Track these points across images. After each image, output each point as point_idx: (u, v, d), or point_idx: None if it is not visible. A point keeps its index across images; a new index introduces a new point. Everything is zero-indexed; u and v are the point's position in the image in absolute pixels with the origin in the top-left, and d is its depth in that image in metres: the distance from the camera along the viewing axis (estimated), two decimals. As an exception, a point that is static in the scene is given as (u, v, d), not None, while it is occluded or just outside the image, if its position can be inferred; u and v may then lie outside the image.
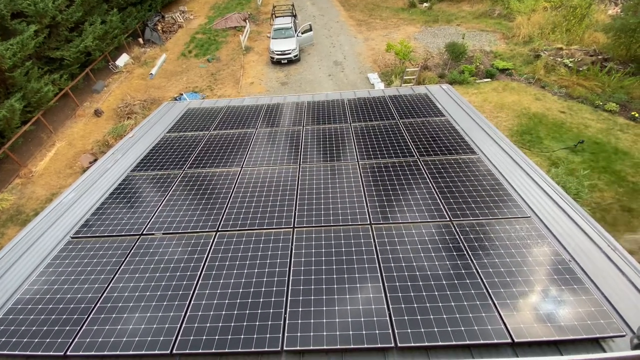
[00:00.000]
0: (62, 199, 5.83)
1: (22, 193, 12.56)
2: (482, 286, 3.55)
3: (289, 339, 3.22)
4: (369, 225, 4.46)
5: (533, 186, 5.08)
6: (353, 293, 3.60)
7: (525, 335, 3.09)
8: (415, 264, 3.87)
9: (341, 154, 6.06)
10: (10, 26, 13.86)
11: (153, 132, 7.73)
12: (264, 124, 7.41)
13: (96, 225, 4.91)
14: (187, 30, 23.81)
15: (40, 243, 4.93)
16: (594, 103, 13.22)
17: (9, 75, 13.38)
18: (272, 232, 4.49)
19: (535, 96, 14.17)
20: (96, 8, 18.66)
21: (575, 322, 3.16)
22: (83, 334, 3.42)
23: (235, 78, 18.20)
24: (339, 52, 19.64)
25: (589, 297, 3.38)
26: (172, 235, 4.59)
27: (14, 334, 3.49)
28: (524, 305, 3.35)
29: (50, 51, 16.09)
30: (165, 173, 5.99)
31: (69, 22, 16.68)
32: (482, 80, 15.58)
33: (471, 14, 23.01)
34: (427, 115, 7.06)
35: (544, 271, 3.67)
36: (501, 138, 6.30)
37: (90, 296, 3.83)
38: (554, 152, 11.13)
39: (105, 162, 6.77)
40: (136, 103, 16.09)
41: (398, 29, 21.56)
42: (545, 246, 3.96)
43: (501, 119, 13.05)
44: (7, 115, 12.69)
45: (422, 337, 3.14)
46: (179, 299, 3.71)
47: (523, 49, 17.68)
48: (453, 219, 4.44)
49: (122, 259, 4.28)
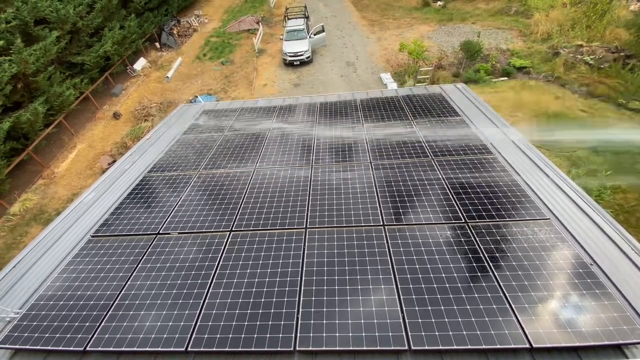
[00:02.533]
0: (83, 199, 6.02)
1: (45, 193, 13.05)
2: (499, 289, 3.47)
3: (301, 339, 3.22)
4: (382, 226, 4.42)
5: (552, 187, 4.93)
6: (366, 294, 3.57)
7: (544, 340, 2.99)
8: (430, 266, 3.81)
9: (353, 154, 6.04)
10: (34, 32, 14.43)
11: (169, 134, 7.89)
12: (277, 125, 7.46)
13: (115, 224, 5.05)
14: (202, 34, 24.21)
15: (62, 242, 5.10)
16: (617, 101, 12.74)
17: (32, 80, 13.93)
18: (284, 233, 4.51)
19: (555, 95, 13.76)
20: (115, 14, 19.21)
21: (597, 328, 3.05)
22: (102, 330, 3.52)
23: (249, 80, 18.40)
24: (352, 53, 19.58)
25: (611, 302, 3.25)
26: (187, 235, 4.67)
27: (36, 329, 3.62)
28: (542, 310, 3.25)
29: (72, 56, 16.67)
30: (181, 174, 6.11)
31: (89, 27, 17.25)
32: (499, 79, 15.25)
33: (487, 11, 22.55)
34: (442, 115, 6.96)
35: (564, 275, 3.55)
36: (519, 138, 6.14)
37: (109, 293, 3.93)
38: (574, 152, 10.77)
39: (124, 164, 6.96)
40: (153, 106, 16.49)
41: (411, 29, 21.34)
42: (565, 249, 3.83)
43: (519, 118, 12.73)
44: (31, 118, 13.22)
45: (437, 340, 3.09)
46: (193, 297, 3.77)
47: (541, 46, 17.21)
48: (469, 220, 4.36)
49: (140, 257, 4.39)
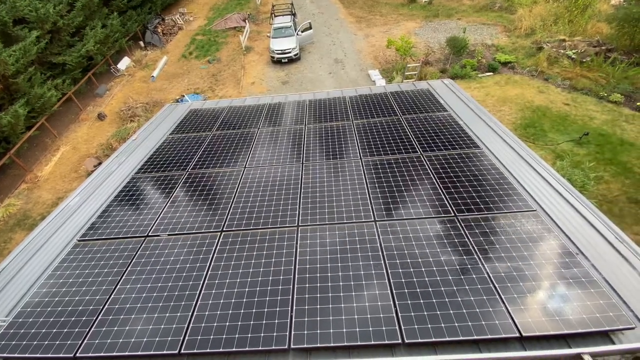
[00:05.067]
0: (68, 202, 5.88)
1: (29, 198, 12.68)
2: (489, 281, 3.54)
3: (295, 337, 3.23)
4: (373, 222, 4.45)
5: (538, 179, 5.04)
6: (359, 290, 3.60)
7: (534, 329, 3.07)
8: (421, 259, 3.86)
9: (344, 151, 6.05)
10: (13, 32, 13.98)
11: (156, 134, 7.76)
12: (266, 123, 7.42)
13: (102, 228, 4.95)
14: (187, 32, 23.81)
15: (48, 247, 4.97)
16: (599, 94, 13.06)
17: (12, 82, 13.49)
18: (276, 231, 4.49)
19: (539, 89, 14.03)
20: (97, 12, 18.73)
21: (584, 316, 3.14)
22: (92, 335, 3.45)
23: (236, 78, 18.20)
24: (339, 50, 19.56)
25: (597, 290, 3.35)
26: (177, 236, 4.61)
27: (24, 336, 3.53)
28: (531, 299, 3.33)
29: (53, 56, 16.19)
30: (169, 174, 6.01)
31: (70, 27, 16.78)
32: (485, 74, 15.45)
33: (472, 7, 22.82)
34: (430, 111, 7.02)
35: (551, 265, 3.64)
36: (505, 132, 6.26)
37: (99, 298, 3.86)
38: (559, 144, 11.02)
39: (110, 165, 6.81)
40: (138, 106, 16.14)
41: (398, 25, 21.43)
42: (551, 239, 3.93)
43: (504, 113, 12.94)
44: (12, 121, 12.81)
45: (429, 332, 3.13)
46: (185, 299, 3.73)
47: (525, 41, 17.50)
48: (458, 214, 4.42)
49: (129, 260, 4.31)
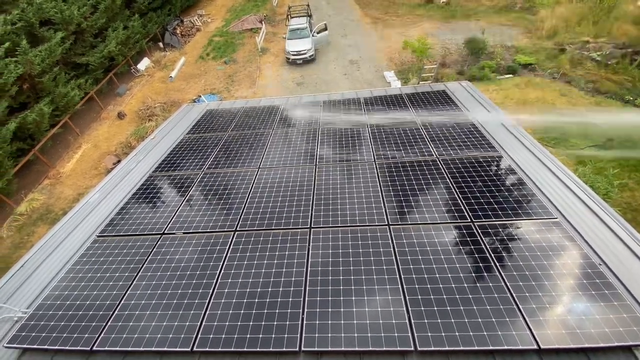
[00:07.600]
0: (88, 199, 6.05)
1: (51, 193, 13.16)
2: (506, 290, 3.43)
3: (306, 339, 3.21)
4: (387, 225, 4.40)
5: (559, 185, 4.87)
6: (371, 295, 3.56)
7: (552, 342, 2.96)
8: (435, 266, 3.78)
9: (358, 153, 6.01)
10: (39, 33, 14.55)
11: (173, 134, 7.91)
12: (281, 124, 7.45)
13: (120, 224, 5.07)
14: (205, 33, 24.23)
15: (68, 241, 5.13)
16: (624, 98, 12.57)
17: (38, 81, 14.04)
18: (289, 232, 4.50)
19: (561, 92, 13.60)
20: (119, 14, 19.29)
21: (606, 329, 3.01)
22: (108, 330, 3.54)
23: (252, 79, 18.39)
24: (355, 51, 19.50)
25: (620, 302, 3.21)
26: (192, 235, 4.68)
27: (43, 329, 3.65)
28: (550, 311, 3.21)
29: (76, 57, 16.78)
30: (186, 173, 6.12)
31: (93, 28, 17.35)
32: (504, 77, 15.10)
33: (491, 8, 22.34)
34: (447, 114, 6.88)
35: (573, 275, 3.50)
36: (524, 136, 6.08)
37: (115, 293, 3.95)
38: (581, 149, 10.65)
39: (129, 163, 6.98)
40: (157, 105, 16.54)
41: (415, 26, 21.19)
42: (573, 249, 3.78)
43: (524, 116, 12.60)
44: (37, 119, 13.33)
45: (443, 341, 3.06)
46: (199, 297, 3.77)
47: (547, 43, 17.01)
48: (474, 220, 4.32)
49: (145, 257, 4.40)
